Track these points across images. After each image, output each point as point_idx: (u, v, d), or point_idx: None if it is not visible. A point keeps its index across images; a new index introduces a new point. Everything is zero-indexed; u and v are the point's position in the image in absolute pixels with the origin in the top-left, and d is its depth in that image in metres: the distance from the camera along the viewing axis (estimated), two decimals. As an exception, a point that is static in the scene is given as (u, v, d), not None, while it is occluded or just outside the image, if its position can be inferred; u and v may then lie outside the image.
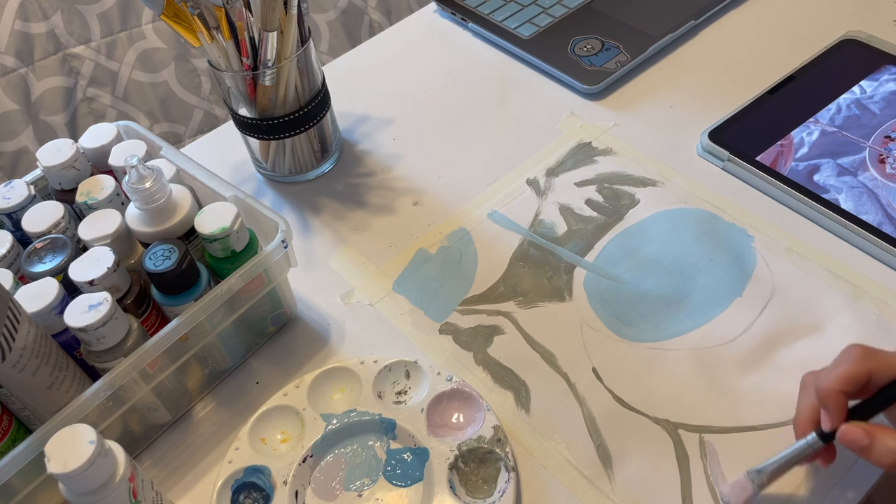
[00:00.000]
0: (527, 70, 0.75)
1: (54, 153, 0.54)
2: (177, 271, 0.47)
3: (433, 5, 0.84)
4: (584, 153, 0.66)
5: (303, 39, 0.60)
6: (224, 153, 0.72)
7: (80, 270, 0.46)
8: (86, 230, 0.49)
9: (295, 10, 0.57)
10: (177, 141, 1.18)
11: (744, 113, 0.65)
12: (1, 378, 0.42)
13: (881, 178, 0.58)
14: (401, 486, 0.47)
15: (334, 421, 0.49)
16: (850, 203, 0.57)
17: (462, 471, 0.47)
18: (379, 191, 0.66)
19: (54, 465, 0.37)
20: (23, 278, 0.49)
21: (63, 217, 0.51)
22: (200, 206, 0.51)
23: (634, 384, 0.50)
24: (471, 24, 0.80)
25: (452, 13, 0.82)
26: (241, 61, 0.58)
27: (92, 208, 0.51)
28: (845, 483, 0.44)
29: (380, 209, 0.64)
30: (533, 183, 0.64)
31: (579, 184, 0.63)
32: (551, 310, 0.55)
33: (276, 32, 0.56)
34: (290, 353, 0.55)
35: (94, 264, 0.46)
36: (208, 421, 0.52)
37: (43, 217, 0.51)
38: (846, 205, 0.57)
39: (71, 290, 0.47)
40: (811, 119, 0.64)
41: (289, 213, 0.65)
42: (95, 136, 0.57)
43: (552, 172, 0.65)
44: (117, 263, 0.46)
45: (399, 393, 0.51)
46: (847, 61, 0.68)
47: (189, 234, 0.51)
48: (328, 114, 0.65)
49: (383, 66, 0.79)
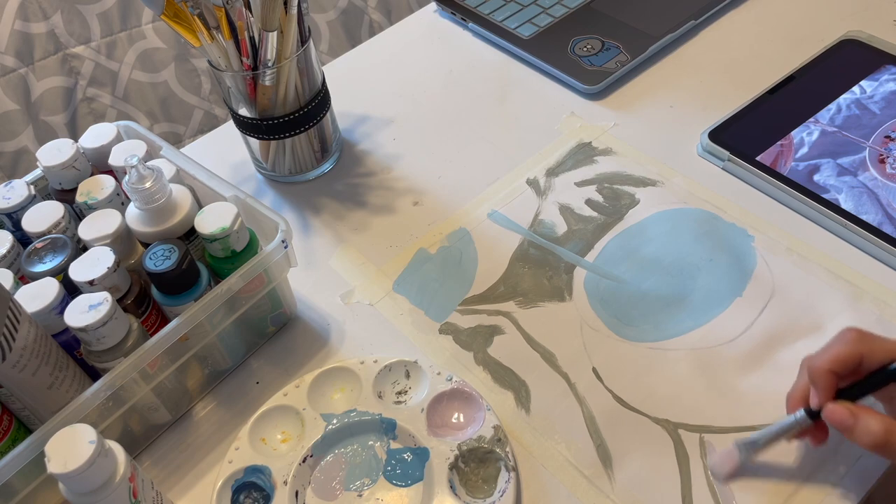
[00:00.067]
0: (527, 70, 0.75)
1: (54, 153, 0.54)
2: (177, 271, 0.47)
3: (433, 5, 0.84)
4: (584, 153, 0.66)
5: (303, 39, 0.60)
6: (224, 153, 0.72)
7: (80, 270, 0.46)
8: (86, 230, 0.49)
9: (295, 10, 0.57)
10: (177, 141, 1.18)
11: (744, 113, 0.65)
12: (1, 378, 0.42)
13: (881, 178, 0.58)
14: (401, 486, 0.47)
15: (334, 421, 0.49)
16: (850, 203, 0.57)
17: (462, 471, 0.47)
18: (379, 191, 0.66)
19: (54, 465, 0.37)
20: (23, 278, 0.49)
21: (63, 217, 0.51)
22: (200, 206, 0.51)
23: (634, 384, 0.50)
24: (471, 24, 0.80)
25: (452, 13, 0.82)
26: (241, 61, 0.58)
27: (92, 208, 0.51)
28: (845, 483, 0.44)
29: (380, 209, 0.64)
30: (533, 183, 0.64)
31: (579, 184, 0.63)
32: (551, 310, 0.55)
33: (276, 32, 0.56)
34: (290, 353, 0.55)
35: (94, 264, 0.46)
36: (208, 421, 0.52)
37: (43, 217, 0.51)
38: (846, 205, 0.57)
39: (71, 290, 0.47)
40: (811, 119, 0.64)
41: (289, 213, 0.65)
42: (95, 136, 0.57)
43: (552, 172, 0.65)
44: (117, 263, 0.46)
45: (399, 393, 0.51)
46: (847, 61, 0.68)
47: (189, 234, 0.51)
48: (328, 114, 0.65)
49: (383, 66, 0.79)
